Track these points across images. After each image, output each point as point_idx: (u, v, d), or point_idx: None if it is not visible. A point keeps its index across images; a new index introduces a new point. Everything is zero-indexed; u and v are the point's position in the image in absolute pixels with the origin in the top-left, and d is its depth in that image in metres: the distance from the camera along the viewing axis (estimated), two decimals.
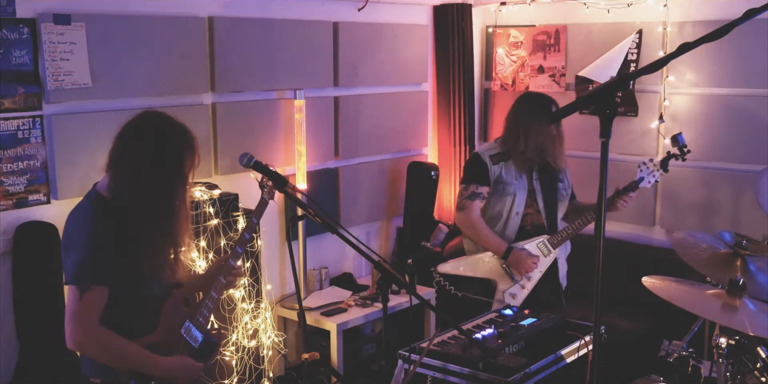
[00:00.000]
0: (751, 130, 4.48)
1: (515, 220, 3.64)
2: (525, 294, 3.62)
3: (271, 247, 4.53)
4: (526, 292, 3.63)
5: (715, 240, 3.27)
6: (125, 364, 2.36)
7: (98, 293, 2.32)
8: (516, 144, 3.61)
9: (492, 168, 3.62)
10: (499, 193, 3.63)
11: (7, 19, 3.33)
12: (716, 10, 4.50)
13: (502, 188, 3.62)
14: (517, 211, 3.63)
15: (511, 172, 3.63)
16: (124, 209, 2.35)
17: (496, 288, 3.61)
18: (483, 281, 3.65)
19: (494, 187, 3.63)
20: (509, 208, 3.63)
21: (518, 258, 3.57)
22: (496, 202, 3.65)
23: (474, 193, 3.62)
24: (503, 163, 3.63)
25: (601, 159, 1.75)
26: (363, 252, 2.49)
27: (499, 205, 3.64)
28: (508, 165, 3.63)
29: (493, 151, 3.67)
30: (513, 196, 3.62)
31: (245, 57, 4.21)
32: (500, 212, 3.64)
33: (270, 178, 2.69)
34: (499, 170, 3.63)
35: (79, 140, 3.57)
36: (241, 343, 3.97)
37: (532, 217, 3.67)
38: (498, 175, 3.62)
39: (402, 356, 2.78)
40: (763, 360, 2.91)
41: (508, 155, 3.64)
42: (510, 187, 3.61)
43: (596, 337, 1.94)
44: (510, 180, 3.62)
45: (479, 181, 3.63)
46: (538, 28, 5.28)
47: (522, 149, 3.60)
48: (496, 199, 3.64)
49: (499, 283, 3.61)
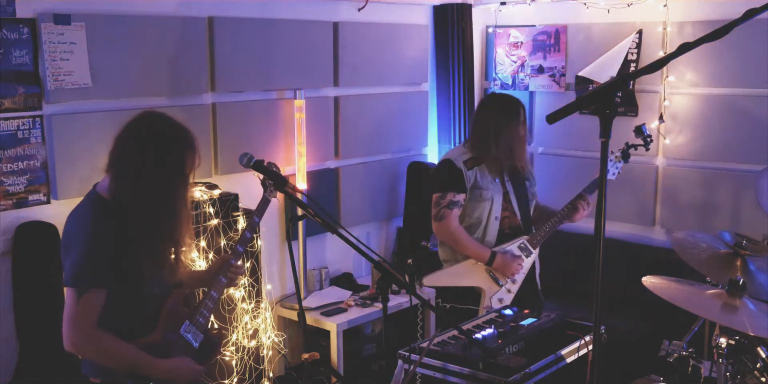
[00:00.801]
0: (751, 130, 4.48)
1: (495, 224, 3.59)
2: (511, 297, 3.61)
3: (271, 247, 4.53)
4: (512, 295, 3.62)
5: (715, 240, 3.27)
6: (123, 366, 2.37)
7: (96, 296, 2.32)
8: (487, 147, 3.55)
9: (467, 174, 3.54)
10: (476, 199, 3.56)
11: (7, 19, 3.33)
12: (716, 10, 4.50)
13: (479, 194, 3.55)
14: (496, 216, 3.58)
15: (486, 176, 3.56)
16: (124, 210, 2.35)
17: (483, 294, 3.60)
18: (468, 289, 3.59)
19: (471, 193, 3.55)
20: (488, 214, 3.57)
21: (504, 262, 3.55)
22: (474, 209, 3.58)
23: (452, 202, 3.54)
24: (477, 168, 3.56)
25: (601, 159, 1.75)
26: (363, 252, 2.49)
27: (477, 211, 3.57)
28: (482, 169, 3.56)
29: (464, 156, 3.58)
30: (491, 200, 3.56)
31: (245, 57, 4.21)
32: (479, 218, 3.58)
33: (270, 178, 2.69)
34: (474, 176, 3.55)
35: (79, 140, 3.57)
36: (241, 343, 3.97)
37: (509, 219, 3.64)
38: (474, 181, 3.55)
39: (402, 356, 2.78)
40: (763, 360, 2.91)
41: (481, 159, 3.57)
42: (487, 192, 3.55)
43: (596, 337, 1.93)
44: (486, 185, 3.56)
45: (455, 188, 3.54)
46: (538, 28, 5.28)
47: (494, 152, 3.54)
48: (473, 205, 3.57)
49: (486, 290, 3.58)
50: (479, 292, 3.59)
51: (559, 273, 4.18)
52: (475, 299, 3.59)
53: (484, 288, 3.58)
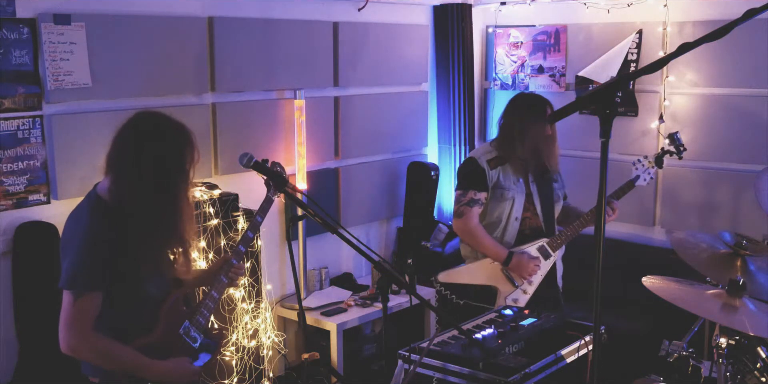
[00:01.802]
0: (751, 130, 4.48)
1: (514, 225, 3.58)
2: (527, 298, 3.59)
3: (271, 247, 4.53)
4: (528, 296, 3.60)
5: (715, 240, 3.27)
6: (120, 368, 2.36)
7: (92, 299, 2.31)
8: (513, 147, 3.54)
9: (490, 173, 3.54)
10: (497, 199, 3.56)
11: (7, 19, 3.33)
12: (716, 10, 4.50)
13: (500, 193, 3.55)
14: (516, 216, 3.57)
15: (509, 176, 3.56)
16: (123, 211, 2.34)
17: (498, 294, 3.59)
18: (484, 288, 3.59)
19: (492, 193, 3.55)
20: (508, 214, 3.56)
21: (520, 262, 3.53)
22: (495, 208, 3.57)
23: (472, 200, 3.53)
24: (500, 167, 3.56)
25: (601, 159, 1.75)
26: (363, 252, 2.49)
27: (497, 210, 3.57)
28: (506, 169, 3.56)
29: (489, 155, 3.59)
30: (512, 200, 3.55)
31: (245, 57, 4.21)
32: (499, 218, 3.58)
33: (270, 178, 2.69)
34: (496, 175, 3.55)
35: (79, 140, 3.57)
36: (241, 343, 3.97)
37: (530, 220, 3.62)
38: (496, 180, 3.55)
39: (402, 356, 2.78)
40: (763, 360, 2.91)
41: (505, 159, 3.57)
42: (508, 192, 3.55)
43: (596, 337, 1.93)
44: (508, 185, 3.55)
45: (477, 186, 3.54)
46: (538, 28, 5.28)
47: (519, 152, 3.54)
48: (494, 204, 3.57)
49: (501, 289, 3.57)
50: (495, 291, 3.59)
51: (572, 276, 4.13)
52: (490, 298, 3.58)
53: (499, 288, 3.58)
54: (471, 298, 3.57)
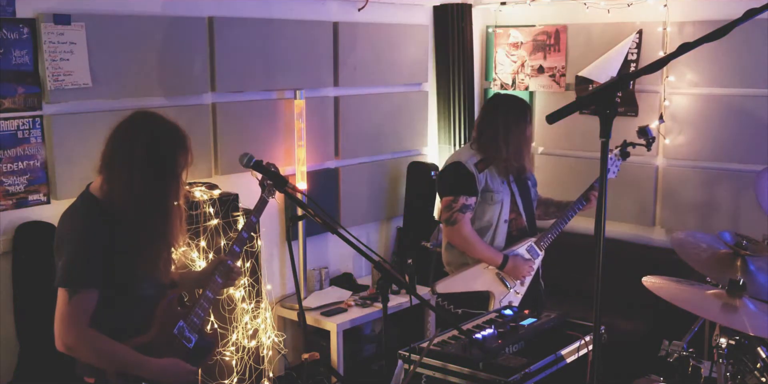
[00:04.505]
0: (751, 130, 4.48)
1: (503, 227, 3.57)
2: (519, 299, 3.61)
3: (271, 247, 4.53)
4: (520, 296, 3.62)
5: (715, 240, 3.27)
6: (115, 365, 2.36)
7: (87, 297, 2.32)
8: (496, 149, 3.51)
9: (478, 176, 3.51)
10: (487, 202, 3.54)
11: (7, 19, 3.33)
12: (716, 10, 4.50)
13: (489, 197, 3.53)
14: (506, 219, 3.57)
15: (495, 178, 3.54)
16: (117, 210, 2.35)
17: (493, 298, 3.59)
18: (478, 294, 3.58)
19: (482, 196, 3.53)
20: (498, 216, 3.55)
21: (515, 265, 3.54)
22: (485, 211, 3.55)
23: (464, 205, 3.49)
24: (487, 170, 3.53)
25: (601, 159, 1.75)
26: (363, 252, 2.49)
27: (487, 214, 3.55)
28: (491, 171, 3.54)
29: (474, 158, 3.54)
30: (500, 203, 3.54)
31: (245, 57, 4.21)
32: (490, 221, 3.56)
33: (270, 178, 2.69)
34: (484, 178, 3.52)
35: (79, 140, 3.57)
36: (241, 343, 3.97)
37: (516, 221, 3.63)
38: (485, 184, 3.52)
39: (402, 356, 2.78)
40: (763, 360, 2.91)
41: (489, 161, 3.53)
42: (497, 195, 3.53)
43: (596, 337, 1.93)
44: (496, 188, 3.53)
45: (468, 191, 3.50)
46: (538, 28, 5.28)
47: (503, 154, 3.51)
48: (483, 208, 3.54)
49: (495, 293, 3.57)
50: (489, 295, 3.59)
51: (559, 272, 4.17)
52: (485, 303, 3.58)
53: (493, 291, 3.57)
54: (468, 306, 3.57)
